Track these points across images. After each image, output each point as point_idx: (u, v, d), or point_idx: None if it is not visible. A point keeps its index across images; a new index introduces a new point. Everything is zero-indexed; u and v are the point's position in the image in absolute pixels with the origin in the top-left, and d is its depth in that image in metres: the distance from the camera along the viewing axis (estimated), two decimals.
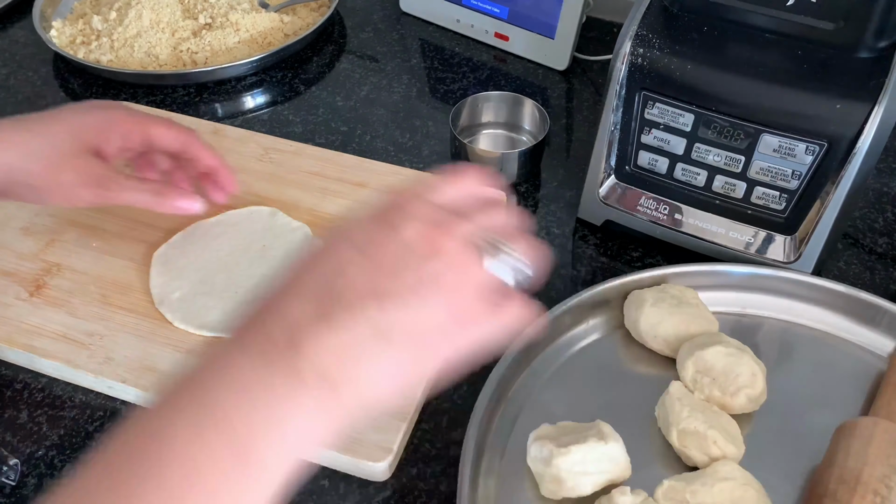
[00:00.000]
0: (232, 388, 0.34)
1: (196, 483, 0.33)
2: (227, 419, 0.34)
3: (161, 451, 0.33)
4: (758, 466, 0.55)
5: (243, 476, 0.34)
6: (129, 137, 0.63)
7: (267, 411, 0.34)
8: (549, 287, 0.71)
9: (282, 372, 0.35)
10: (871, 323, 0.64)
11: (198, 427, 0.34)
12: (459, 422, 0.62)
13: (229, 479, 0.34)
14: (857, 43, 0.60)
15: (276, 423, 0.35)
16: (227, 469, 0.33)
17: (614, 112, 0.67)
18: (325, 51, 0.97)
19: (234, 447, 0.34)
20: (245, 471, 0.34)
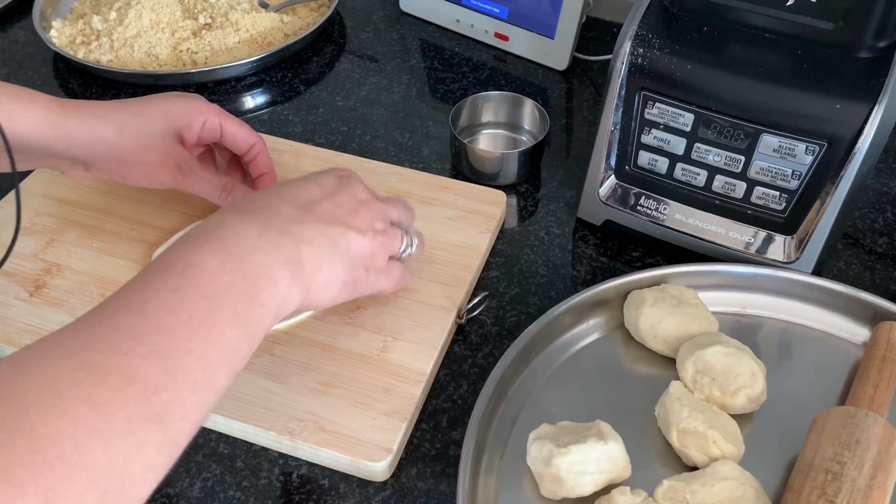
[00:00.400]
0: (242, 240, 0.43)
1: (215, 309, 0.39)
2: (241, 258, 0.42)
3: (187, 273, 0.40)
4: (758, 466, 0.55)
5: (249, 310, 0.41)
6: (209, 129, 0.68)
7: (267, 261, 0.44)
8: (549, 287, 0.71)
9: (275, 246, 0.45)
10: (871, 323, 0.64)
11: (220, 259, 0.41)
12: (459, 422, 0.62)
13: (239, 310, 0.41)
14: (857, 43, 0.60)
15: (272, 273, 0.44)
16: (240, 301, 0.41)
17: (614, 112, 0.67)
18: (325, 51, 0.97)
19: (247, 282, 0.42)
20: (250, 305, 0.41)
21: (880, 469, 0.52)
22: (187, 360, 0.37)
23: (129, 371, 0.34)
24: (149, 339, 0.36)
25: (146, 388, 0.35)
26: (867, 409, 0.55)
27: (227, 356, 0.39)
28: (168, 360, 0.36)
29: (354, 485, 0.59)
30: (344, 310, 0.67)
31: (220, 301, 0.40)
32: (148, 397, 0.34)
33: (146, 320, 0.37)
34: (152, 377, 0.35)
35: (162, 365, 0.36)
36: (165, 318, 0.37)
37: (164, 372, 0.35)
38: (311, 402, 0.61)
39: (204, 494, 0.59)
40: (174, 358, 0.36)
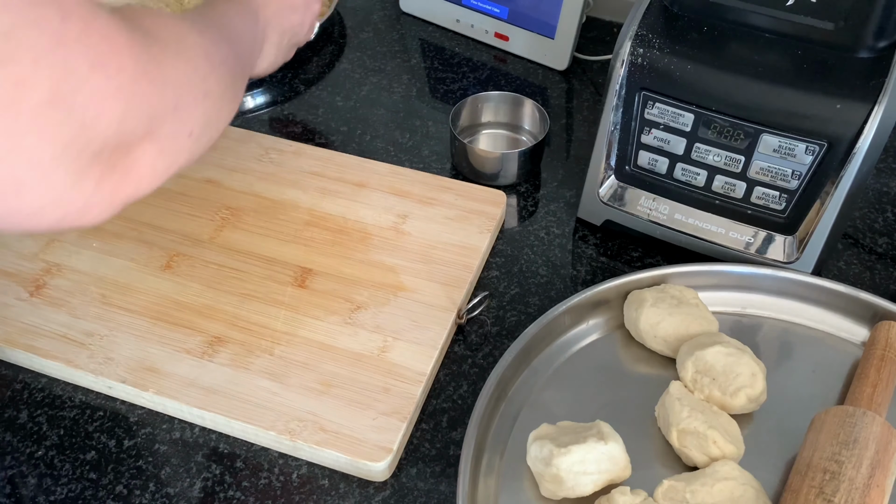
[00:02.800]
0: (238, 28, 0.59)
1: (241, 25, 0.58)
2: (249, 8, 0.61)
3: (224, 12, 0.56)
4: (758, 466, 0.56)
5: (253, 34, 0.61)
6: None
7: (255, 20, 0.62)
8: (549, 287, 0.71)
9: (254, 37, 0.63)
10: (870, 323, 0.64)
11: (238, 11, 0.58)
12: (459, 422, 0.62)
13: (250, 29, 0.60)
14: (857, 43, 0.60)
15: (259, 24, 0.63)
16: (251, 28, 0.61)
17: (614, 112, 0.67)
18: (325, 51, 0.97)
19: (253, 18, 0.61)
20: (253, 33, 0.61)
21: (878, 468, 0.52)
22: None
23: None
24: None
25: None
26: (866, 409, 0.55)
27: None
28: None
29: (354, 485, 0.59)
30: (344, 310, 0.67)
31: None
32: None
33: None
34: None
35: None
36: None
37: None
38: (311, 402, 0.61)
39: (204, 494, 0.59)
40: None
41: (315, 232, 0.73)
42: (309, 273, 0.70)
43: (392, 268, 0.70)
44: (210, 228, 0.74)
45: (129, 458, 0.61)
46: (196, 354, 0.64)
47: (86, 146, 0.38)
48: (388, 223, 0.74)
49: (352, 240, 0.73)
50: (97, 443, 0.62)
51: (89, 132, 0.38)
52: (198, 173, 0.78)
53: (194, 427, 0.63)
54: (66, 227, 0.41)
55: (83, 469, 0.60)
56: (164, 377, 0.63)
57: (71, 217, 0.40)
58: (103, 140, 0.39)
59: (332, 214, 0.75)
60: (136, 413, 0.64)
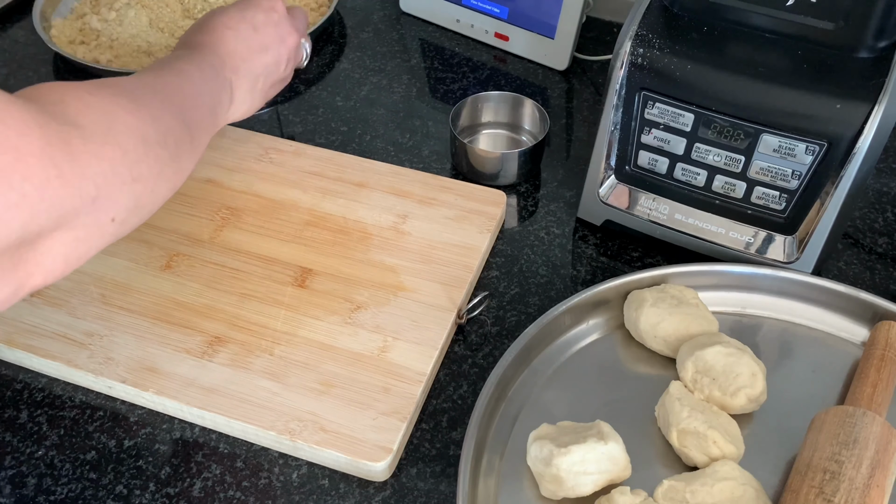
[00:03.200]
0: (199, 63, 0.59)
1: (199, 82, 0.57)
2: (211, 62, 0.60)
3: (179, 70, 0.56)
4: (758, 466, 0.56)
5: (217, 88, 0.60)
6: None
7: (218, 72, 0.61)
8: (549, 287, 0.71)
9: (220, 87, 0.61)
10: (870, 323, 0.64)
11: (198, 66, 0.59)
12: (459, 422, 0.62)
13: (211, 86, 0.59)
14: (857, 43, 0.60)
15: (224, 75, 0.62)
16: (212, 84, 0.59)
17: (614, 112, 0.67)
18: (325, 51, 0.97)
19: (215, 71, 0.60)
20: (218, 87, 0.60)
21: (878, 468, 0.52)
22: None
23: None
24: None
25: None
26: (866, 409, 0.55)
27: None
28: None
29: (354, 485, 0.59)
30: (344, 310, 0.67)
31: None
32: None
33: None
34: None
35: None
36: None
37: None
38: (311, 402, 0.61)
39: (204, 494, 0.59)
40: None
41: (315, 232, 0.73)
42: (309, 273, 0.70)
43: (392, 268, 0.70)
44: (210, 228, 0.74)
45: (129, 458, 0.61)
46: (196, 354, 0.64)
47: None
48: (388, 223, 0.74)
49: (352, 240, 0.73)
50: (97, 443, 0.62)
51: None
52: (198, 173, 0.78)
53: (194, 427, 0.63)
54: None
55: (83, 469, 0.60)
56: (164, 377, 0.63)
57: None
58: (4, 245, 0.37)
59: (332, 214, 0.75)
60: (136, 413, 0.64)
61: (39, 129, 0.38)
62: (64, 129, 0.40)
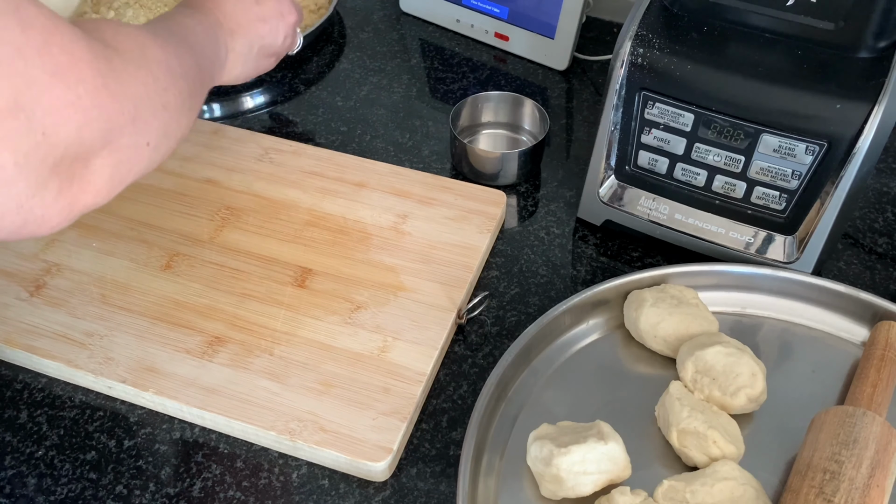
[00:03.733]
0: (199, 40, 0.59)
1: (202, 35, 0.58)
2: (210, 20, 0.61)
3: (184, 23, 0.57)
4: (758, 466, 0.56)
5: (214, 45, 0.60)
6: None
7: (216, 31, 0.62)
8: (549, 287, 0.71)
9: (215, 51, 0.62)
10: (870, 323, 0.64)
11: (199, 21, 0.59)
12: (459, 422, 0.62)
13: (210, 41, 0.59)
14: (857, 43, 0.60)
15: (221, 35, 0.62)
16: (211, 39, 0.60)
17: (614, 112, 0.67)
18: (325, 51, 0.97)
19: (213, 30, 0.60)
20: (215, 44, 0.60)
21: (878, 468, 0.52)
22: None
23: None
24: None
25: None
26: (866, 409, 0.55)
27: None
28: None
29: (354, 485, 0.59)
30: (344, 310, 0.67)
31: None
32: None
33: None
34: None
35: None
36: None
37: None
38: (311, 402, 0.61)
39: (204, 494, 0.59)
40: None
41: (315, 232, 0.73)
42: (309, 273, 0.70)
43: (392, 268, 0.70)
44: (210, 228, 0.74)
45: (129, 458, 0.61)
46: (196, 354, 0.64)
47: (46, 156, 0.38)
48: (388, 223, 0.74)
49: (352, 240, 0.73)
50: (97, 443, 0.62)
51: (49, 142, 0.38)
52: (198, 173, 0.78)
53: (194, 427, 0.63)
54: (25, 235, 0.41)
55: (83, 469, 0.60)
56: (164, 377, 0.63)
57: (30, 226, 0.41)
58: (63, 150, 0.39)
59: (332, 214, 0.75)
60: (136, 413, 0.64)
61: (87, 45, 0.40)
62: (106, 49, 0.42)
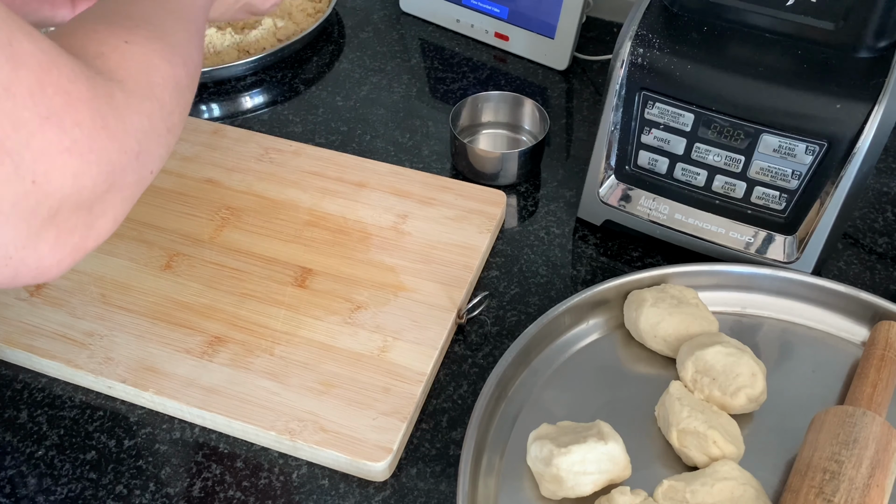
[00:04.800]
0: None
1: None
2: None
3: None
4: (758, 466, 0.56)
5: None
6: None
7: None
8: (549, 287, 0.71)
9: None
10: (870, 323, 0.64)
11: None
12: (459, 422, 0.62)
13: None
14: (857, 43, 0.60)
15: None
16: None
17: (614, 112, 0.67)
18: (324, 51, 0.97)
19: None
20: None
21: (878, 468, 0.52)
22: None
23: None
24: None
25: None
26: (866, 409, 0.55)
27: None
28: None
29: (354, 485, 0.59)
30: (344, 310, 0.67)
31: None
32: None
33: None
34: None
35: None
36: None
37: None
38: (311, 402, 0.61)
39: (204, 494, 0.59)
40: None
41: (315, 232, 0.73)
42: (309, 273, 0.70)
43: (392, 268, 0.70)
44: (210, 228, 0.74)
45: (129, 458, 0.61)
46: (196, 354, 0.64)
47: (38, 206, 0.36)
48: (388, 223, 0.74)
49: (352, 240, 0.73)
50: (97, 443, 0.62)
51: (41, 191, 0.36)
52: (198, 173, 0.78)
53: (194, 427, 0.63)
54: (20, 284, 0.39)
55: (83, 469, 0.60)
56: (164, 377, 0.63)
57: (24, 277, 0.38)
58: (60, 200, 0.37)
59: (332, 214, 0.75)
60: (136, 413, 0.64)
61: (87, 81, 0.38)
62: (108, 83, 0.40)
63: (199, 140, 0.82)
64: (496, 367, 0.60)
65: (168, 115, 0.45)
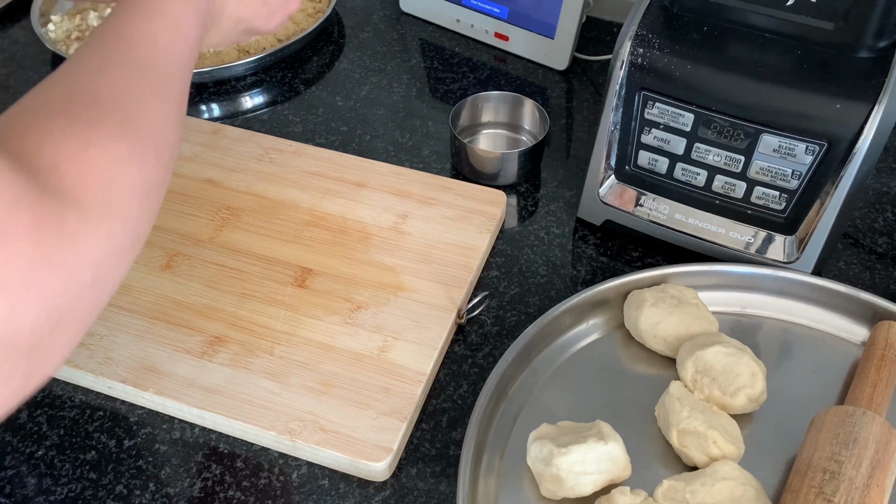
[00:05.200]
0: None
1: (169, 38, 0.47)
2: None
3: (146, 32, 0.46)
4: (758, 466, 0.56)
5: (188, 30, 0.48)
6: None
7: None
8: (549, 287, 0.71)
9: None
10: (870, 323, 0.64)
11: (161, 16, 0.47)
12: (459, 422, 0.62)
13: (182, 33, 0.48)
14: (857, 43, 0.60)
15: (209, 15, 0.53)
16: (182, 30, 0.48)
17: (614, 112, 0.67)
18: (324, 51, 0.97)
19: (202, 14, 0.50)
20: (199, 24, 0.50)
21: (878, 468, 0.52)
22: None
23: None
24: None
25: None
26: (865, 409, 0.55)
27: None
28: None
29: (354, 485, 0.59)
30: (344, 310, 0.67)
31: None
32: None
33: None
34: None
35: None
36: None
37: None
38: (311, 402, 0.61)
39: (204, 494, 0.59)
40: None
41: (315, 232, 0.73)
42: (309, 273, 0.70)
43: (392, 268, 0.70)
44: (210, 228, 0.74)
45: (129, 458, 0.61)
46: (196, 354, 0.64)
47: None
48: (388, 223, 0.74)
49: (352, 240, 0.73)
50: (97, 443, 0.62)
51: None
52: (198, 173, 0.78)
53: (194, 427, 0.63)
54: None
55: (83, 469, 0.60)
56: (164, 377, 0.63)
57: None
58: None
59: (332, 214, 0.75)
60: (136, 413, 0.64)
61: (31, 208, 0.33)
62: (58, 206, 0.34)
63: (199, 140, 0.82)
64: (496, 367, 0.60)
65: (133, 229, 0.39)
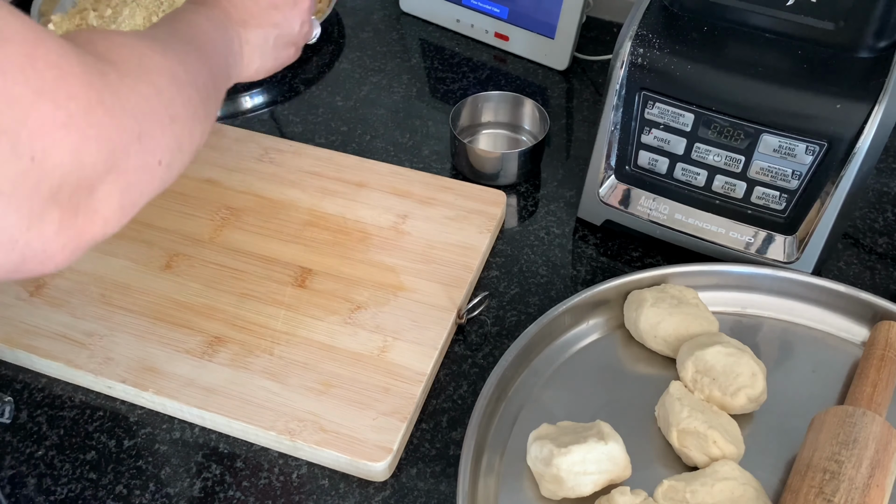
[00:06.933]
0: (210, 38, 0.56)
1: (212, 33, 0.55)
2: (218, 14, 0.58)
3: (190, 21, 0.54)
4: (758, 466, 0.56)
5: (227, 41, 0.57)
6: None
7: (226, 25, 0.59)
8: (549, 287, 0.71)
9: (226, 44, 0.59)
10: (870, 323, 0.64)
11: (206, 17, 0.56)
12: (459, 422, 0.62)
13: (222, 37, 0.57)
14: (857, 43, 0.60)
15: (231, 27, 0.59)
16: (222, 35, 0.57)
17: (614, 112, 0.67)
18: (324, 51, 0.97)
19: (223, 24, 0.58)
20: (227, 39, 0.58)
21: (878, 467, 0.52)
22: None
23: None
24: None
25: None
26: (866, 409, 0.55)
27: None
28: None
29: (354, 485, 0.59)
30: (344, 310, 0.67)
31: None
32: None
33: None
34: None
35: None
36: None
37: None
38: (310, 402, 0.61)
39: (204, 494, 0.59)
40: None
41: (315, 232, 0.73)
42: (309, 273, 0.70)
43: (392, 268, 0.70)
44: (210, 228, 0.74)
45: (129, 458, 0.61)
46: (196, 354, 0.64)
47: (39, 184, 0.35)
48: (388, 223, 0.74)
49: (352, 240, 0.73)
50: (97, 443, 0.62)
51: (41, 168, 0.35)
52: (198, 173, 0.78)
53: (194, 427, 0.63)
54: (28, 273, 0.38)
55: (83, 469, 0.60)
56: (163, 377, 0.63)
57: (31, 263, 0.37)
58: (60, 178, 0.36)
59: (332, 214, 0.75)
60: (136, 413, 0.64)
61: (77, 58, 0.37)
62: (99, 62, 0.39)
63: None
64: (496, 367, 0.60)
65: (168, 102, 0.44)
